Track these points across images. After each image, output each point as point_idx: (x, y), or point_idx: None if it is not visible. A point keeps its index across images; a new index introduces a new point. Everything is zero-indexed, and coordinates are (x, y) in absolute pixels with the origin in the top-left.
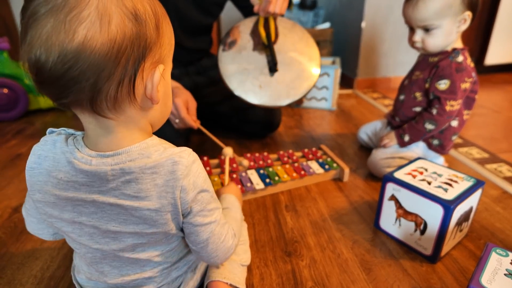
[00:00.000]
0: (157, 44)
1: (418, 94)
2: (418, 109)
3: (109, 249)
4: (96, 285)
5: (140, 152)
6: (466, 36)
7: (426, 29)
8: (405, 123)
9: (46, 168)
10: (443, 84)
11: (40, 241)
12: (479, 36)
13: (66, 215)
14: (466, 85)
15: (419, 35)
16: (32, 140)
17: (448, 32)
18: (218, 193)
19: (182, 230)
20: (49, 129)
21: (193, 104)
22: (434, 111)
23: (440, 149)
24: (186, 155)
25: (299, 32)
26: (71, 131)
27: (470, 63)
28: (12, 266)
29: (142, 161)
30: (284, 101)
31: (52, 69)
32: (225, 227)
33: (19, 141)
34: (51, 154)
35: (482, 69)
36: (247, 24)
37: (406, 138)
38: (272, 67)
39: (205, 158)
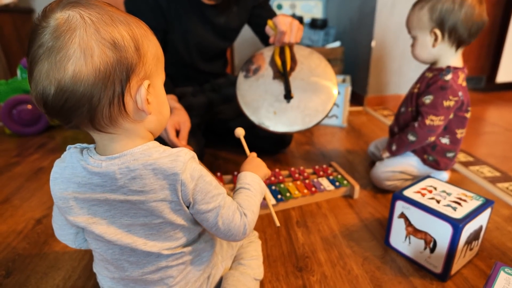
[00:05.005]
0: (140, 63)
1: (411, 109)
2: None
3: (125, 244)
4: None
5: (142, 152)
6: (477, 54)
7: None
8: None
9: (66, 176)
10: (427, 99)
11: (62, 251)
12: (490, 54)
13: (81, 218)
14: (449, 103)
15: (411, 43)
16: (53, 154)
17: (423, 44)
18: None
19: (189, 221)
20: (68, 146)
21: (185, 125)
22: (416, 124)
23: (436, 165)
24: (183, 154)
25: (316, 60)
26: (85, 145)
27: (462, 82)
28: (36, 275)
29: (144, 159)
30: (299, 126)
31: (53, 103)
32: (231, 208)
33: (41, 155)
34: (69, 164)
35: (494, 87)
36: (266, 53)
37: (393, 147)
38: (287, 94)
39: (218, 174)
